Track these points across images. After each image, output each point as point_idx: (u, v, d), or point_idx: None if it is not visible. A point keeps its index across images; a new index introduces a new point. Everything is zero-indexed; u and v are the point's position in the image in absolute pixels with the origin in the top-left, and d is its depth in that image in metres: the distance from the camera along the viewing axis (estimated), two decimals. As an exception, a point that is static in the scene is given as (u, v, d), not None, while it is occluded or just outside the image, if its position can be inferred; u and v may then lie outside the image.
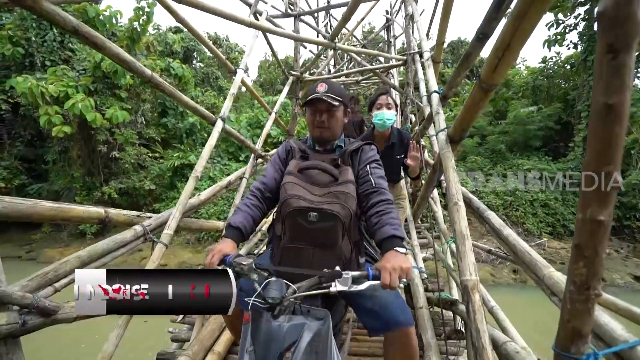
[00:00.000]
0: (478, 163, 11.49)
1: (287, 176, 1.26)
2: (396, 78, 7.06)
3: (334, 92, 1.31)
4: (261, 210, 1.30)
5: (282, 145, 1.47)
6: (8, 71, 10.88)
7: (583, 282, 0.71)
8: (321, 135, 1.35)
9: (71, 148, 10.65)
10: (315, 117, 1.33)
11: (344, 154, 1.32)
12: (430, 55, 2.82)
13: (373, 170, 1.28)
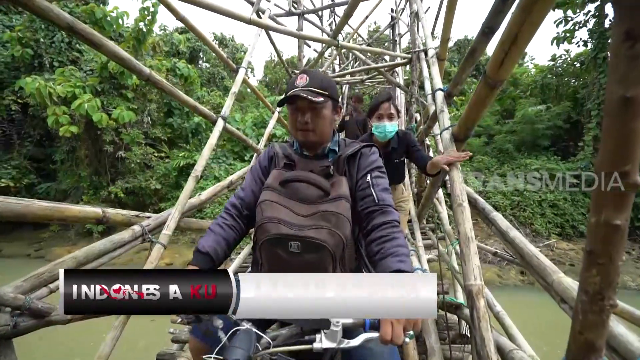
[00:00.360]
0: (485, 163, 11.33)
1: (265, 192, 1.02)
2: (401, 77, 6.99)
3: (317, 85, 1.03)
4: (238, 231, 1.09)
5: (265, 151, 1.22)
6: (17, 72, 11.04)
7: (596, 291, 0.65)
8: (306, 139, 1.08)
9: (78, 148, 10.77)
10: (297, 118, 1.06)
11: (339, 161, 1.08)
12: (435, 52, 2.76)
13: (375, 180, 1.04)
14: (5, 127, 11.69)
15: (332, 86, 1.08)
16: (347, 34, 8.37)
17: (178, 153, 11.65)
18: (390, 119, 2.09)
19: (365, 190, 1.02)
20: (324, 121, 1.07)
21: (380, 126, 2.10)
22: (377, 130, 2.12)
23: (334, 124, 1.14)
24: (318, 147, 1.12)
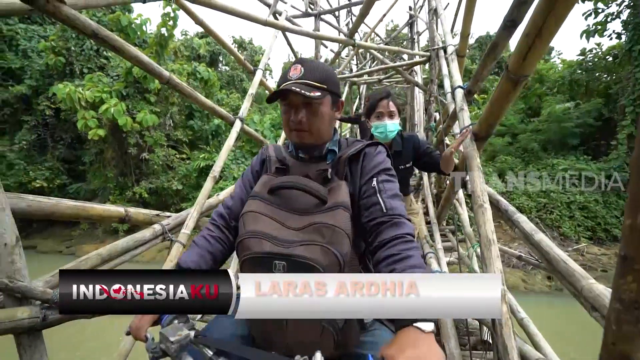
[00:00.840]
0: (508, 163, 10.94)
1: (250, 201, 0.88)
2: (420, 76, 6.86)
3: (313, 77, 0.88)
4: (226, 244, 0.97)
5: (258, 154, 1.08)
6: (51, 79, 11.69)
7: (632, 300, 0.60)
8: (301, 141, 0.94)
9: (106, 150, 11.26)
10: (290, 116, 0.91)
11: (339, 162, 0.92)
12: (455, 49, 2.68)
13: (382, 185, 0.86)
14: (40, 131, 12.39)
15: (330, 78, 0.93)
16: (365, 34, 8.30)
17: (198, 154, 11.96)
18: (391, 117, 1.89)
19: (370, 198, 0.85)
20: (321, 119, 0.91)
21: (381, 125, 1.89)
22: (377, 131, 1.91)
23: (334, 121, 0.99)
24: (315, 149, 0.97)
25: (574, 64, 12.32)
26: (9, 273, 1.23)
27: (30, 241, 12.04)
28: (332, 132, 0.99)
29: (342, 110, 1.02)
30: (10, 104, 12.38)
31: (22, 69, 12.68)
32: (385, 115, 1.89)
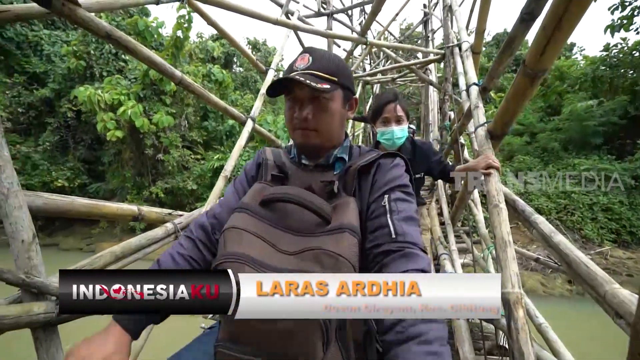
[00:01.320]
0: (527, 163, 10.62)
1: (236, 214, 0.72)
2: (434, 74, 6.74)
3: (322, 68, 0.76)
4: (199, 266, 0.79)
5: (255, 156, 0.92)
6: (73, 82, 12.11)
7: (660, 306, 0.56)
8: (306, 142, 0.79)
9: (124, 151, 11.59)
10: (294, 112, 0.78)
11: (347, 174, 0.77)
12: (470, 46, 2.61)
13: (395, 204, 0.71)
14: (62, 133, 12.87)
15: (343, 70, 0.80)
16: (378, 32, 8.23)
17: (213, 155, 12.15)
18: (398, 122, 1.72)
19: (378, 219, 0.70)
20: (331, 117, 0.78)
21: (388, 132, 1.72)
22: (384, 137, 1.74)
23: (345, 122, 0.85)
24: (322, 154, 0.82)
25: (597, 60, 11.83)
26: (25, 269, 1.26)
27: (53, 239, 12.51)
28: (342, 136, 0.85)
29: (355, 109, 0.87)
30: (35, 107, 12.91)
31: (46, 73, 13.20)
32: (392, 121, 1.71)
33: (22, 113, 12.86)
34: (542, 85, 12.85)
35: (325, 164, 0.83)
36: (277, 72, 3.19)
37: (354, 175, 0.77)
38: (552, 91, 12.33)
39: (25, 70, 13.25)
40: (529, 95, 1.40)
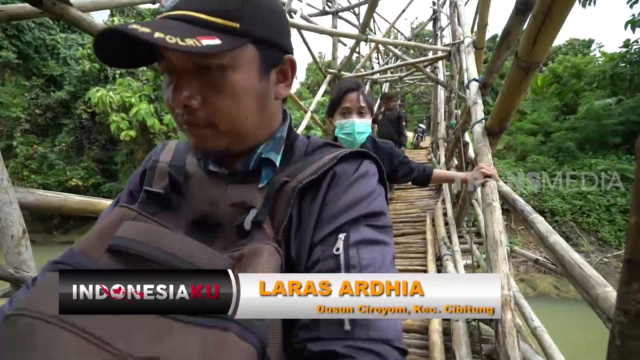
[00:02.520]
0: (540, 163, 10.32)
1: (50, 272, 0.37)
2: (442, 72, 6.63)
3: (206, 3, 0.40)
4: None
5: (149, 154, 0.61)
6: (87, 85, 12.45)
7: (638, 312, 0.52)
8: (200, 146, 0.46)
9: (136, 151, 11.84)
10: (170, 94, 0.42)
11: (281, 192, 0.45)
12: (472, 41, 2.55)
13: (357, 254, 0.41)
14: (77, 133, 13.24)
15: (255, 6, 0.43)
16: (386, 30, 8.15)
17: (222, 155, 12.31)
18: (360, 114, 1.42)
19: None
20: (235, 100, 0.43)
21: (347, 125, 1.41)
22: (343, 132, 1.42)
23: (273, 102, 0.49)
24: (234, 158, 0.49)
25: (617, 57, 11.40)
26: (15, 264, 1.29)
27: (68, 237, 12.87)
28: (271, 123, 0.51)
29: (292, 77, 0.50)
30: (52, 109, 13.33)
31: (62, 76, 13.62)
32: (354, 112, 1.41)
33: (39, 114, 13.31)
34: (558, 83, 12.48)
35: (245, 171, 0.49)
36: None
37: (290, 197, 0.44)
38: (568, 89, 11.96)
39: (43, 73, 13.70)
40: (524, 89, 1.35)
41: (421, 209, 4.90)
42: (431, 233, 3.82)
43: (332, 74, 4.57)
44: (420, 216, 4.60)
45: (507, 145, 11.36)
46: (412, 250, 3.72)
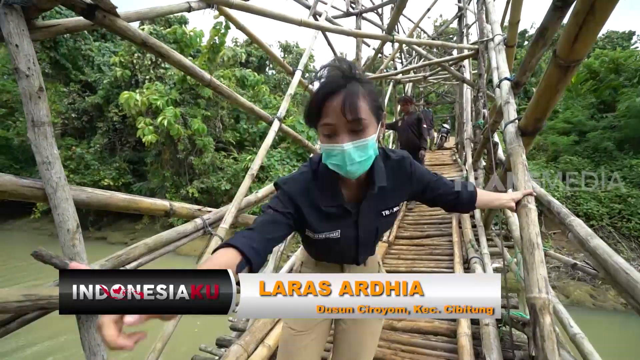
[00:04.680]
0: (574, 164, 9.81)
1: None
2: (468, 71, 6.46)
3: None
4: None
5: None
6: (119, 89, 13.09)
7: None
8: None
9: (163, 152, 12.32)
10: None
11: None
12: (503, 38, 2.48)
13: None
14: (110, 136, 13.95)
15: None
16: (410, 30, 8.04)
17: (246, 156, 12.55)
18: (354, 133, 0.80)
19: None
20: None
21: (334, 152, 0.82)
22: (331, 162, 0.84)
23: None
24: None
25: (659, 50, 10.66)
26: (70, 255, 1.40)
27: (102, 233, 13.59)
28: None
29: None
30: (87, 113, 14.13)
31: (97, 82, 14.41)
32: (341, 131, 0.79)
33: (76, 118, 14.15)
34: (594, 80, 11.81)
35: None
36: (305, 73, 3.24)
37: None
38: (605, 86, 11.30)
39: (79, 79, 14.55)
40: (561, 88, 1.31)
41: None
42: (457, 235, 3.74)
43: (355, 74, 4.56)
44: (445, 218, 4.52)
45: (537, 145, 10.88)
46: (438, 252, 3.66)
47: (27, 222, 15.39)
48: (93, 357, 1.40)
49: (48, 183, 1.36)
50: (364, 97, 0.78)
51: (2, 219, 16.59)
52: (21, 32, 1.25)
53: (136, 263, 1.72)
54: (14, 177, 1.30)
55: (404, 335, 2.42)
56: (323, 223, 0.92)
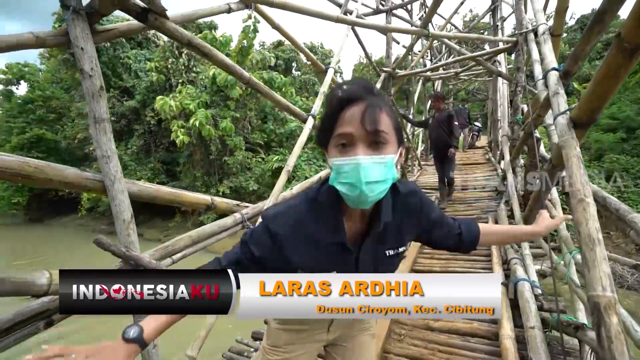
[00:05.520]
0: (621, 163, 9.12)
1: None
2: (504, 65, 6.18)
3: None
4: None
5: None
6: (155, 94, 13.78)
7: None
8: None
9: (194, 153, 12.82)
10: None
11: None
12: (548, 28, 2.36)
13: None
14: (146, 137, 14.71)
15: None
16: (438, 27, 7.85)
17: (273, 157, 12.78)
18: (375, 145, 0.68)
19: None
20: None
21: (347, 167, 0.68)
22: (342, 181, 0.69)
23: None
24: None
25: None
26: (125, 244, 1.49)
27: (138, 230, 14.15)
28: None
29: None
30: (125, 116, 14.99)
31: (134, 87, 15.25)
32: (360, 142, 0.68)
33: (115, 121, 15.04)
34: (643, 71, 10.93)
35: None
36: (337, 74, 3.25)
37: None
38: (656, 78, 10.42)
39: (118, 85, 15.47)
40: (623, 75, 1.23)
41: (482, 210, 4.63)
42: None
43: (386, 72, 4.51)
44: (481, 218, 4.35)
45: (579, 143, 10.21)
46: (473, 252, 3.52)
47: (74, 219, 16.53)
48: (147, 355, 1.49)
49: (107, 176, 1.46)
50: (387, 112, 0.70)
51: (53, 215, 17.95)
52: (86, 36, 1.35)
53: (181, 254, 1.80)
54: (78, 171, 1.40)
55: (442, 336, 2.36)
56: (316, 263, 0.78)
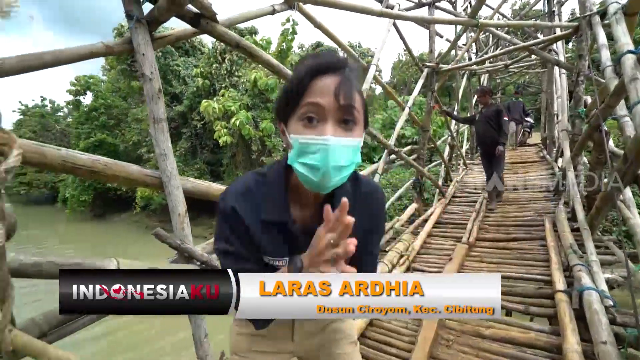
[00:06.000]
0: None
1: None
2: (562, 54, 5.65)
3: None
4: None
5: None
6: (200, 98, 14.61)
7: None
8: None
9: (237, 154, 13.39)
10: None
11: None
12: (621, 6, 2.10)
13: None
14: (192, 140, 15.65)
15: None
16: (485, 18, 7.41)
17: (310, 156, 13.01)
18: (344, 124, 0.63)
19: None
20: None
21: (316, 146, 0.61)
22: (303, 160, 0.63)
23: None
24: None
25: None
26: (180, 237, 1.58)
27: (185, 227, 15.26)
28: None
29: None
30: (174, 120, 16.07)
31: (182, 93, 16.30)
32: (330, 117, 0.61)
33: (166, 125, 16.20)
34: None
35: None
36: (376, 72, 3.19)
37: None
38: None
39: (168, 91, 16.63)
40: None
41: (536, 212, 4.27)
42: (553, 239, 3.30)
43: (429, 67, 4.34)
44: (535, 220, 4.02)
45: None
46: (529, 257, 3.27)
47: (130, 215, 18.04)
48: (200, 345, 1.57)
49: (164, 172, 1.56)
50: (359, 93, 0.64)
51: (112, 212, 19.75)
52: (146, 42, 1.46)
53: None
54: (139, 168, 1.51)
55: (494, 345, 2.21)
56: (273, 243, 0.75)
